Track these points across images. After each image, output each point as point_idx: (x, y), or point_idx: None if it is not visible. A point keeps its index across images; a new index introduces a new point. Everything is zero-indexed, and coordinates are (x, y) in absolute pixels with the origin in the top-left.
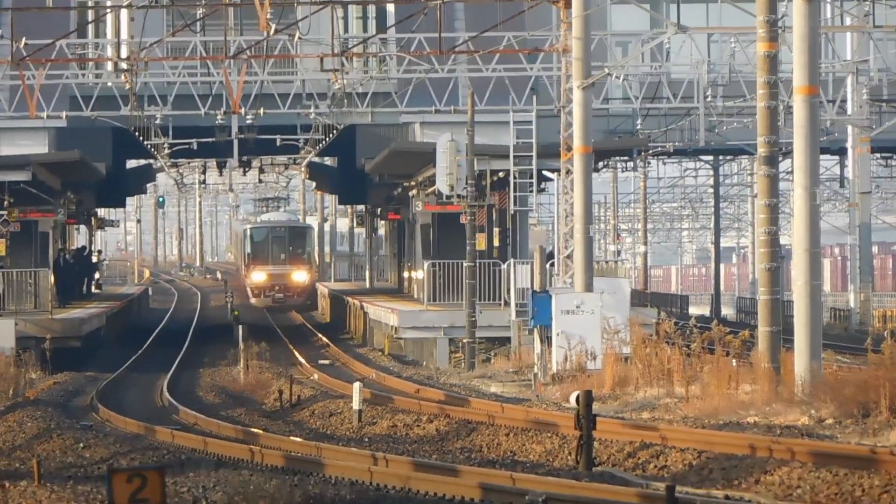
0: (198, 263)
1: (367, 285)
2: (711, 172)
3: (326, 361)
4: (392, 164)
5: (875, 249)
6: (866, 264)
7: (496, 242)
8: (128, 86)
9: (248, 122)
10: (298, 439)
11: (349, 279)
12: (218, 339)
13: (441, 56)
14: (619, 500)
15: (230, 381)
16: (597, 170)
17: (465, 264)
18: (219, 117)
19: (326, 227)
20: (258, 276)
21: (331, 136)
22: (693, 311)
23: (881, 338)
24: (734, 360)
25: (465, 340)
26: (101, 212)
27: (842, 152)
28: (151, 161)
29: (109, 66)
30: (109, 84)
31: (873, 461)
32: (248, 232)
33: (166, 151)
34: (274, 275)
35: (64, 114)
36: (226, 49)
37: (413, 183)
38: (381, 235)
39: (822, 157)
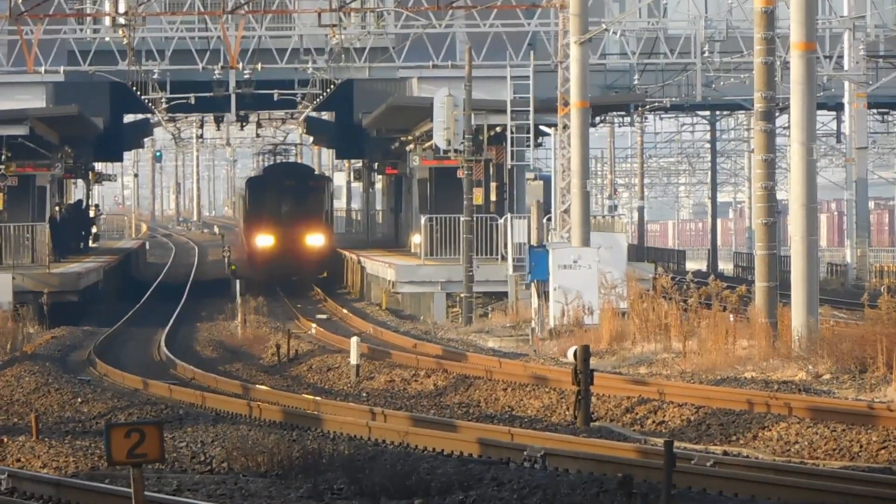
0: (195, 218)
1: (365, 239)
2: (708, 128)
3: (324, 316)
4: (389, 118)
5: (871, 205)
6: (863, 220)
7: (493, 197)
8: (125, 41)
9: (245, 76)
10: (309, 396)
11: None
12: (215, 293)
13: (439, 11)
14: (617, 455)
15: (227, 335)
16: (594, 125)
17: (462, 219)
18: (216, 72)
19: None
20: (264, 240)
21: (328, 90)
22: (690, 266)
23: (878, 293)
24: (731, 316)
25: (462, 295)
26: (99, 166)
27: (838, 108)
28: (149, 116)
29: (107, 20)
30: (107, 39)
31: (871, 416)
32: (251, 185)
33: (164, 106)
34: (283, 238)
35: (62, 69)
36: (223, 4)
37: (410, 138)
38: (379, 190)
39: (818, 112)
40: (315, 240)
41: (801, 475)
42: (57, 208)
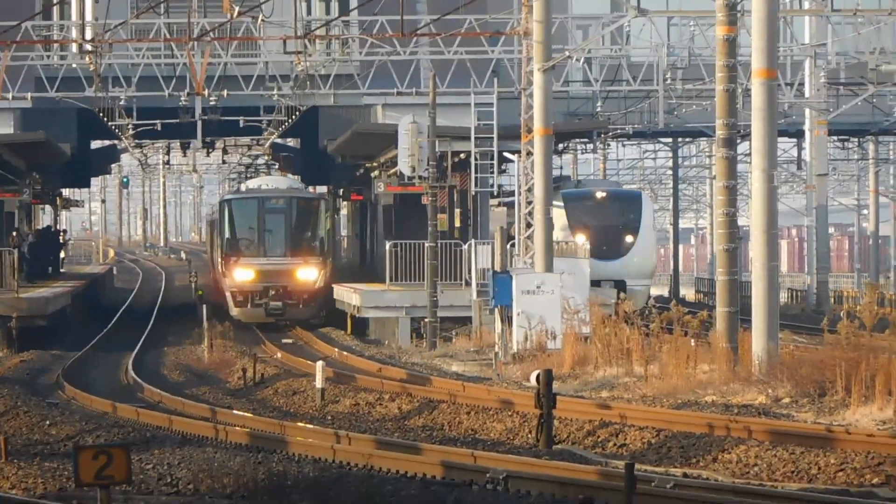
0: (162, 243)
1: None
2: (670, 154)
3: (289, 340)
4: (354, 145)
5: (832, 231)
6: (823, 246)
7: (457, 223)
8: (92, 67)
9: (211, 103)
10: (275, 420)
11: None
12: (182, 318)
13: (403, 38)
14: (579, 477)
15: (194, 359)
16: (557, 152)
17: (426, 245)
18: (182, 99)
19: None
20: (243, 273)
21: (294, 117)
22: (652, 291)
23: (837, 318)
24: (693, 340)
25: (426, 320)
26: (66, 192)
27: (799, 135)
28: (116, 142)
29: (74, 47)
30: (74, 65)
31: (829, 440)
32: (229, 206)
33: (130, 132)
34: (267, 272)
35: (29, 95)
36: (189, 31)
37: (375, 164)
38: (344, 216)
39: (779, 139)
40: (306, 273)
41: (760, 497)
42: (14, 234)
